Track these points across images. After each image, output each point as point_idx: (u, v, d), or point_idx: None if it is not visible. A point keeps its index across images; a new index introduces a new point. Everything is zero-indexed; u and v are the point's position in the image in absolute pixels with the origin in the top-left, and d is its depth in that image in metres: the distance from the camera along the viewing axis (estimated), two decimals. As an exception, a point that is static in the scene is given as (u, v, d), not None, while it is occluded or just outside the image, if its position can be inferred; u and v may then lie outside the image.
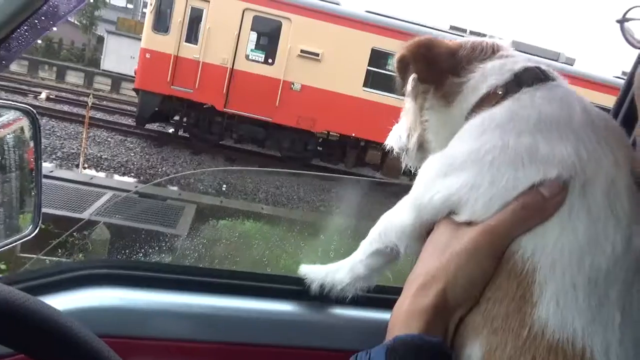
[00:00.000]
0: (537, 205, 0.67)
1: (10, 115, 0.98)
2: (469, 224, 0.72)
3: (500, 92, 0.79)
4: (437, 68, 0.85)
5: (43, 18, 0.75)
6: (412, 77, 0.91)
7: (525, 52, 1.03)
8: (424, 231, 0.81)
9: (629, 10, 0.81)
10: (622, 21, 0.81)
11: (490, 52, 0.85)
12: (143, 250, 4.74)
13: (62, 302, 0.95)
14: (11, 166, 1.02)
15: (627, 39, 0.82)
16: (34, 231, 0.97)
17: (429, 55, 0.85)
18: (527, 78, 0.79)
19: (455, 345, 0.70)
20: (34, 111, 0.99)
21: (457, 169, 0.74)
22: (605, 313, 0.63)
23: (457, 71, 0.84)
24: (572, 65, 12.77)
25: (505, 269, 0.67)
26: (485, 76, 0.81)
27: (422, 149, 0.96)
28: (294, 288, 1.12)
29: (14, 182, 1.03)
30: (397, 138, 1.03)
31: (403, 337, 0.66)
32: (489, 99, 0.79)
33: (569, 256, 0.64)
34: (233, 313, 1.07)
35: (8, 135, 0.98)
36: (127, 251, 4.69)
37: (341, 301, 1.04)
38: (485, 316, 0.67)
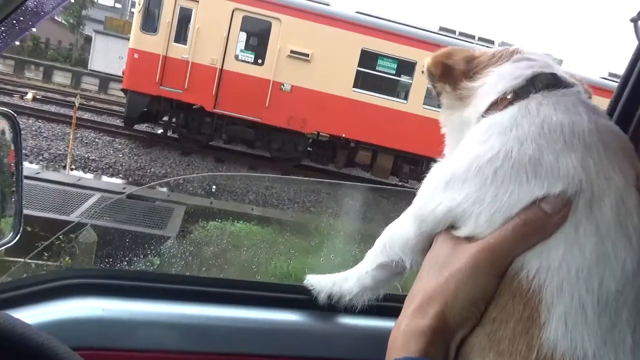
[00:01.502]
0: (539, 222, 0.65)
1: (-10, 118, 0.95)
2: (468, 239, 0.69)
3: (509, 97, 0.77)
4: (452, 72, 0.87)
5: (22, 18, 0.72)
6: (439, 87, 0.91)
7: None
8: (427, 244, 0.79)
9: None
10: (636, 19, 0.77)
11: (508, 57, 0.83)
12: (132, 253, 4.68)
13: (39, 314, 0.91)
14: (-9, 170, 0.99)
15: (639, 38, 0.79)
16: (15, 237, 0.94)
17: (446, 62, 0.87)
18: (538, 83, 0.77)
19: None
20: (14, 114, 0.97)
21: (460, 179, 0.72)
22: (616, 335, 0.61)
23: (470, 75, 0.84)
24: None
25: (510, 288, 0.65)
26: (498, 80, 0.80)
27: None
28: (299, 297, 1.09)
29: (-5, 186, 1.00)
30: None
31: None
32: (498, 104, 0.77)
33: (576, 275, 0.62)
34: (233, 323, 1.05)
35: (-13, 140, 0.96)
36: (116, 254, 4.63)
37: (350, 311, 1.02)
38: (491, 338, 0.65)
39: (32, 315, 0.89)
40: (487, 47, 0.91)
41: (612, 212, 0.64)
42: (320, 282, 1.05)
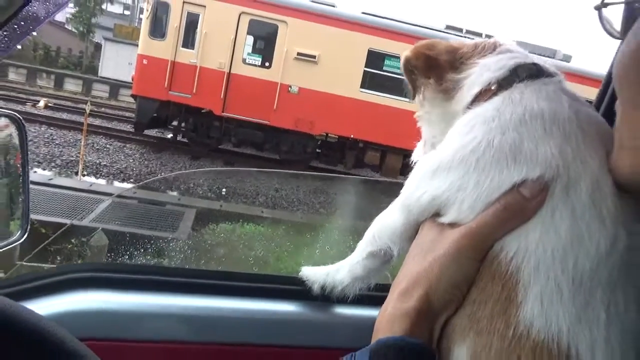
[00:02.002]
0: (518, 206, 0.66)
1: (-3, 122, 0.99)
2: (452, 225, 0.71)
3: (493, 88, 0.78)
4: (437, 63, 0.87)
5: (22, 22, 0.75)
6: (421, 80, 0.91)
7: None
8: (414, 232, 0.81)
9: None
10: (599, 7, 0.74)
11: (492, 49, 0.85)
12: (142, 255, 4.73)
13: (46, 306, 0.95)
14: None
15: (605, 28, 0.76)
16: (23, 236, 0.97)
17: (429, 53, 0.88)
18: (521, 73, 0.78)
19: (443, 348, 0.70)
20: (20, 117, 1.00)
21: (444, 168, 0.74)
22: (590, 312, 0.62)
23: (456, 66, 0.85)
24: (569, 62, 12.77)
25: (489, 270, 0.67)
26: (482, 72, 0.81)
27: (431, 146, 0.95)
28: (295, 288, 1.12)
29: (3, 188, 1.03)
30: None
31: (385, 340, 0.66)
32: (483, 95, 0.79)
33: (552, 256, 0.64)
34: (232, 314, 1.07)
35: (-5, 142, 0.99)
36: (126, 257, 4.69)
37: (342, 301, 1.05)
38: (471, 318, 0.67)
39: (38, 308, 0.92)
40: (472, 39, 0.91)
41: (587, 195, 0.66)
42: (315, 274, 1.08)
